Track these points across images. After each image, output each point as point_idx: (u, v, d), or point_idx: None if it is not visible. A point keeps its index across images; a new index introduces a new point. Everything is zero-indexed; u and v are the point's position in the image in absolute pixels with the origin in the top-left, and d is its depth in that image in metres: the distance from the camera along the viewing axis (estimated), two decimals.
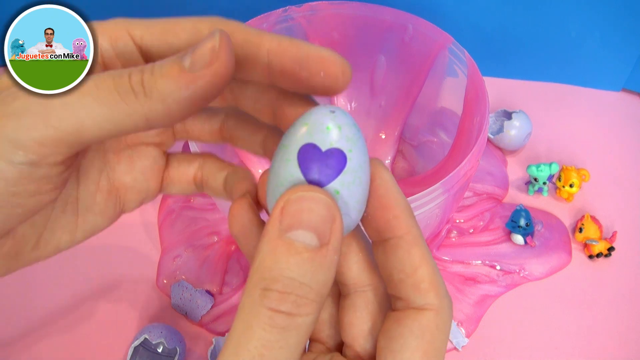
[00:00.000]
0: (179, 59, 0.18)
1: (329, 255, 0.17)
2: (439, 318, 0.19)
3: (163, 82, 0.18)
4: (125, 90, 0.18)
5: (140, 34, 0.21)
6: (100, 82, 0.18)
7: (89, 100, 0.18)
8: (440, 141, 0.55)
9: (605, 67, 0.64)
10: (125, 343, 0.47)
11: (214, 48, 0.18)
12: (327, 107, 0.19)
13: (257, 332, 0.16)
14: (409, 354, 0.19)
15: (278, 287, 0.17)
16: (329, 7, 0.52)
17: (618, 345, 0.47)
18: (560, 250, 0.52)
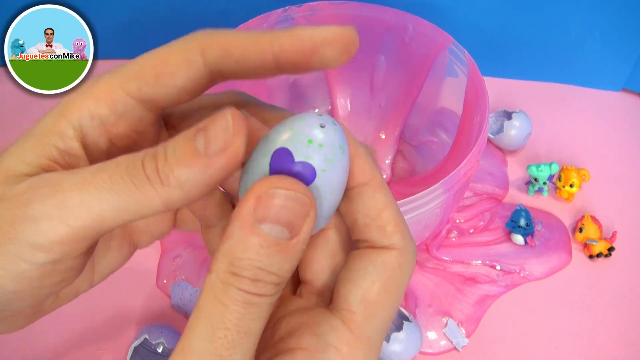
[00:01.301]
0: (191, 139, 0.18)
1: (298, 247, 0.18)
2: (403, 258, 0.19)
3: (179, 169, 0.17)
4: (141, 181, 0.18)
5: (137, 86, 0.20)
6: (114, 173, 0.18)
7: (104, 194, 0.18)
8: (440, 141, 0.55)
9: (605, 67, 0.64)
10: (125, 343, 0.47)
11: (227, 131, 0.18)
12: (319, 118, 0.19)
13: (231, 307, 0.17)
14: (368, 284, 0.19)
15: (249, 275, 0.17)
16: (329, 7, 0.52)
17: (618, 345, 0.47)
18: (560, 250, 0.52)
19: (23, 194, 0.18)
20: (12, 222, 0.18)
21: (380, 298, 0.19)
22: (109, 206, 0.18)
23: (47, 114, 0.20)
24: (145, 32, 0.66)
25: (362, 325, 0.19)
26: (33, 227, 0.18)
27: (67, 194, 0.18)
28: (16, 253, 0.18)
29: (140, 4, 0.63)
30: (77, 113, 0.20)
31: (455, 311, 0.49)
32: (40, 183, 0.18)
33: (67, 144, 0.20)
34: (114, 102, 0.20)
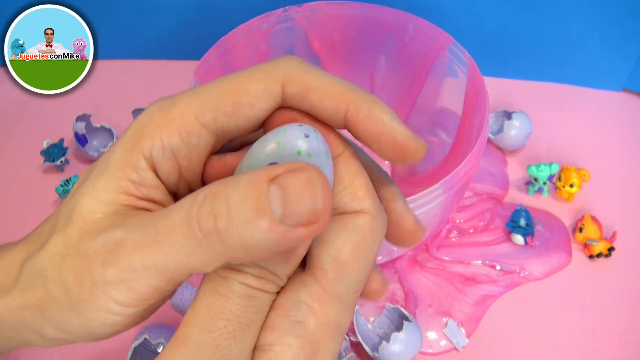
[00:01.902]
0: (263, 193, 0.15)
1: (299, 251, 0.18)
2: (374, 222, 0.19)
3: (244, 233, 0.15)
4: (199, 243, 0.16)
5: (212, 117, 0.19)
6: (169, 234, 0.17)
7: (162, 257, 0.17)
8: (440, 141, 0.55)
9: (605, 67, 0.64)
10: (125, 343, 0.47)
11: (315, 202, 0.15)
12: (301, 129, 0.19)
13: (233, 299, 0.17)
14: (340, 244, 0.19)
15: (253, 272, 0.17)
16: (329, 7, 0.52)
17: (618, 345, 0.47)
18: (561, 250, 0.52)
19: (99, 254, 0.18)
20: (93, 284, 0.18)
21: (352, 257, 0.19)
22: (174, 265, 0.17)
23: (118, 144, 0.20)
24: (145, 32, 0.66)
25: (333, 282, 0.19)
26: (112, 290, 0.18)
27: (131, 258, 0.17)
28: (105, 309, 0.18)
29: (140, 4, 0.63)
30: (149, 143, 0.19)
31: (455, 311, 0.49)
32: (110, 243, 0.18)
33: (141, 175, 0.19)
34: (188, 134, 0.19)
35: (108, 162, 0.20)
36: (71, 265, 0.18)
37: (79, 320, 0.18)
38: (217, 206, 0.15)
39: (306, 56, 0.55)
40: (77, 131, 0.58)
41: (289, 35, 0.53)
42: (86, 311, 0.18)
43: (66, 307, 0.18)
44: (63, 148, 0.58)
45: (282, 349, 0.17)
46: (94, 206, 0.19)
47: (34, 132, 0.62)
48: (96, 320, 0.18)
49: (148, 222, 0.18)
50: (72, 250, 0.18)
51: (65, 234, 0.19)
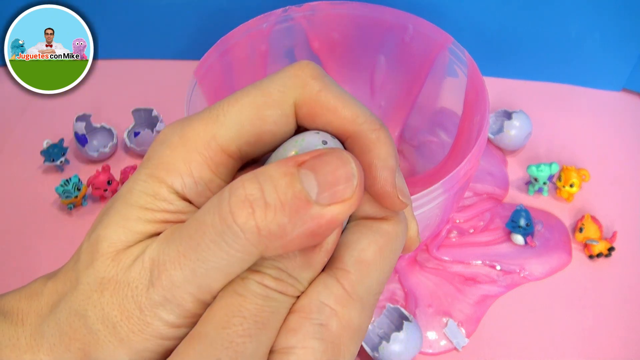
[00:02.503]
0: (295, 177, 0.16)
1: (319, 257, 0.18)
2: (398, 228, 0.19)
3: (282, 218, 0.15)
4: (235, 236, 0.16)
5: (238, 148, 0.19)
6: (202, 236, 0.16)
7: (200, 266, 0.17)
8: (440, 141, 0.55)
9: (605, 67, 0.64)
10: None
11: (350, 180, 0.16)
12: (319, 136, 0.19)
13: (250, 298, 0.17)
14: (364, 245, 0.19)
15: (271, 273, 0.17)
16: (329, 7, 0.52)
17: (618, 345, 0.47)
18: (561, 250, 0.52)
19: (141, 278, 0.17)
20: (141, 311, 0.17)
21: (375, 259, 0.19)
22: (210, 276, 0.17)
23: (139, 178, 0.19)
24: (145, 32, 0.66)
25: (356, 284, 0.18)
26: (161, 312, 0.17)
27: (171, 273, 0.17)
28: (157, 335, 0.17)
29: (140, 4, 0.63)
30: (180, 180, 0.19)
31: (455, 311, 0.49)
32: (148, 264, 0.17)
33: (176, 205, 0.19)
34: (217, 166, 0.19)
35: (133, 195, 0.19)
36: (113, 299, 0.17)
37: (130, 356, 0.18)
38: (250, 193, 0.15)
39: (306, 56, 0.55)
40: (77, 131, 0.58)
41: (289, 35, 0.53)
42: (137, 343, 0.17)
43: (115, 345, 0.17)
44: (63, 148, 0.58)
45: (305, 352, 0.17)
46: (124, 235, 0.18)
47: (34, 132, 0.62)
48: (148, 350, 0.18)
49: (179, 231, 0.17)
50: (110, 283, 0.18)
51: (97, 269, 0.18)
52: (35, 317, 0.19)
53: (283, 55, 0.55)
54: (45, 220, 0.55)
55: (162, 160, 0.19)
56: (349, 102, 0.19)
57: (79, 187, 0.54)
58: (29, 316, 0.19)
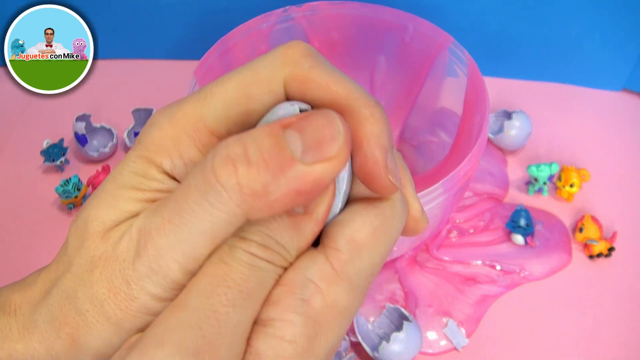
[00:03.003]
0: (279, 137, 0.15)
1: (310, 226, 0.17)
2: (396, 209, 0.19)
3: (265, 175, 0.15)
4: (217, 195, 0.16)
5: (226, 129, 0.19)
6: (185, 199, 0.16)
7: (185, 230, 0.16)
8: (440, 141, 0.55)
9: (605, 67, 0.64)
10: None
11: (336, 138, 0.16)
12: (294, 107, 0.18)
13: (235, 267, 0.16)
14: (359, 225, 0.18)
15: (257, 239, 0.17)
16: (329, 7, 0.52)
17: (618, 345, 0.47)
18: (561, 250, 0.52)
19: (128, 251, 0.17)
20: (128, 284, 0.17)
21: (368, 240, 0.18)
22: (195, 240, 0.16)
23: (129, 159, 0.19)
24: (145, 32, 0.66)
25: (345, 264, 0.17)
26: (147, 284, 0.17)
27: (156, 241, 0.17)
28: (144, 310, 0.17)
29: (140, 4, 0.63)
30: (169, 161, 0.19)
31: (455, 311, 0.49)
32: (135, 235, 0.17)
33: (166, 185, 0.19)
34: (204, 147, 0.19)
35: (123, 176, 0.19)
36: (102, 276, 0.17)
37: (119, 337, 0.17)
38: (233, 151, 0.15)
39: None
40: (77, 131, 0.58)
41: (289, 35, 0.53)
42: (125, 321, 0.17)
43: (103, 324, 0.17)
44: (63, 148, 0.58)
45: (283, 325, 0.16)
46: (115, 214, 0.18)
47: (34, 132, 0.62)
48: (136, 328, 0.17)
49: (166, 199, 0.17)
50: (100, 261, 0.18)
51: (87, 248, 0.18)
52: (28, 307, 0.19)
53: None
54: (45, 220, 0.55)
55: (151, 141, 0.19)
56: (342, 78, 0.18)
57: (79, 187, 0.54)
58: (22, 306, 0.19)
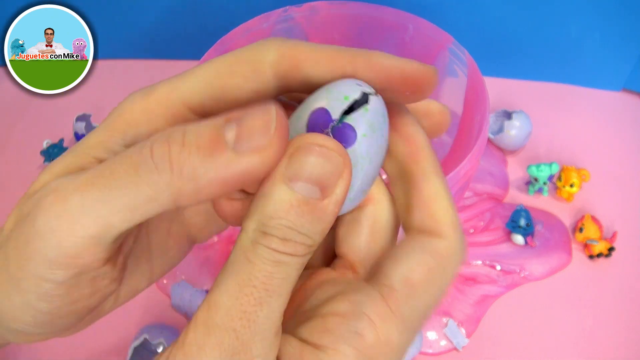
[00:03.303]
0: (219, 127, 0.16)
1: (329, 208, 0.17)
2: (453, 250, 0.18)
3: (197, 158, 0.15)
4: (148, 169, 0.16)
5: (200, 102, 0.18)
6: (118, 166, 0.16)
7: (106, 193, 0.16)
8: (440, 141, 0.55)
9: (605, 67, 0.64)
10: (125, 343, 0.47)
11: (268, 129, 0.16)
12: (358, 83, 0.18)
13: (259, 265, 0.16)
14: (414, 265, 0.18)
15: (278, 234, 0.16)
16: (329, 7, 0.52)
17: (618, 345, 0.47)
18: (561, 250, 0.52)
19: (33, 208, 0.17)
20: (27, 241, 0.17)
21: (424, 281, 0.18)
22: (113, 207, 0.16)
23: (96, 130, 0.19)
24: (145, 32, 0.66)
25: (400, 303, 0.17)
26: (43, 244, 0.16)
27: (68, 200, 0.16)
28: (36, 273, 0.17)
29: (140, 4, 0.63)
30: (133, 131, 0.18)
31: (455, 311, 0.49)
32: (47, 192, 0.17)
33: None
34: (175, 118, 0.19)
35: (86, 146, 0.19)
36: (14, 234, 0.17)
37: (20, 297, 0.17)
38: (172, 134, 0.16)
39: None
40: (77, 131, 0.58)
41: (289, 35, 0.53)
42: (23, 281, 0.17)
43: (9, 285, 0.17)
44: (63, 148, 0.58)
45: (335, 354, 0.17)
46: (51, 177, 0.18)
47: (34, 132, 0.62)
48: (30, 291, 0.17)
49: (91, 169, 0.17)
50: (21, 221, 0.17)
51: (21, 211, 0.18)
52: None
53: None
54: None
55: (121, 112, 0.19)
56: (327, 45, 0.19)
57: None
58: None
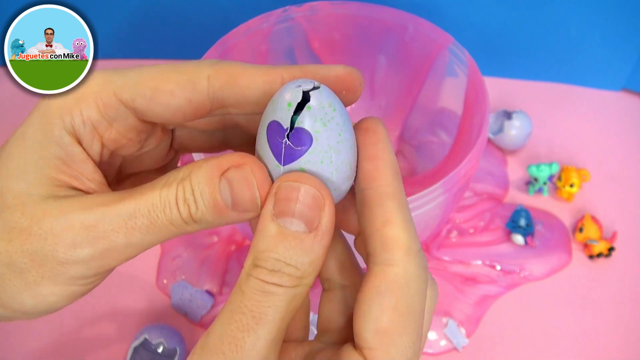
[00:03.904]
0: (217, 189, 0.19)
1: (317, 240, 0.18)
2: (408, 274, 0.18)
3: (209, 215, 0.19)
4: (180, 224, 0.19)
5: (131, 97, 0.20)
6: (155, 218, 0.19)
7: (142, 235, 0.19)
8: (440, 141, 0.55)
9: (605, 67, 0.64)
10: (125, 343, 0.47)
11: (254, 195, 0.19)
12: (296, 82, 0.19)
13: (248, 294, 0.18)
14: (378, 313, 0.18)
15: (267, 266, 0.18)
16: (329, 7, 0.52)
17: (618, 345, 0.47)
18: (561, 250, 0.52)
19: (64, 236, 0.19)
20: (60, 263, 0.19)
21: (393, 325, 0.18)
22: (149, 241, 0.19)
23: (33, 120, 0.20)
24: (145, 32, 0.66)
25: (379, 357, 0.18)
26: (82, 268, 0.19)
27: (112, 239, 0.19)
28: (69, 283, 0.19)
29: (140, 4, 0.63)
30: (69, 117, 0.19)
31: (455, 311, 0.49)
32: (77, 225, 0.19)
33: (68, 151, 0.19)
34: (106, 108, 0.20)
35: (26, 139, 0.19)
36: (24, 248, 0.19)
37: (33, 300, 0.19)
38: (189, 199, 0.19)
39: (306, 56, 0.55)
40: None
41: (289, 35, 0.53)
42: (44, 288, 0.19)
43: (19, 288, 0.19)
44: None
45: None
46: (29, 188, 0.19)
47: None
48: (55, 294, 0.19)
49: (120, 203, 0.19)
50: (21, 234, 0.19)
51: (5, 219, 0.19)
52: None
53: (283, 55, 0.55)
54: None
55: (54, 102, 0.20)
56: (261, 65, 0.20)
57: None
58: None
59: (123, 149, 0.21)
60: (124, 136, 0.21)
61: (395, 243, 0.18)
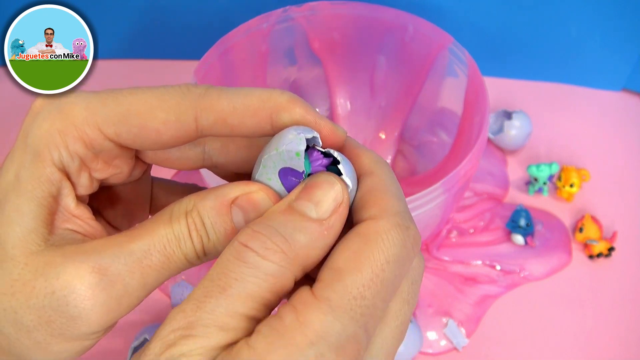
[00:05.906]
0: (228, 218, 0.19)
1: (321, 229, 0.18)
2: (381, 227, 0.18)
3: (221, 245, 0.19)
4: (192, 257, 0.19)
5: (115, 132, 0.19)
6: (171, 254, 0.19)
7: (156, 275, 0.19)
8: (440, 141, 0.55)
9: (605, 67, 0.64)
10: (125, 344, 0.47)
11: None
12: (291, 131, 0.19)
13: (222, 258, 0.18)
14: (338, 254, 0.18)
15: (255, 227, 0.18)
16: (329, 7, 0.52)
17: (618, 345, 0.47)
18: (561, 250, 0.52)
19: (68, 285, 0.18)
20: (72, 318, 0.18)
21: (347, 264, 0.17)
22: (163, 279, 0.19)
23: (23, 157, 0.20)
24: (145, 32, 0.66)
25: (323, 288, 0.17)
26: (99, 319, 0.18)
27: (126, 283, 0.19)
28: (84, 337, 0.19)
29: (140, 4, 0.63)
30: (57, 152, 0.19)
31: (455, 311, 0.49)
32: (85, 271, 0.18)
33: (58, 186, 0.19)
34: (91, 142, 0.19)
35: (20, 181, 0.19)
36: (30, 303, 0.18)
37: (45, 356, 0.18)
38: (202, 232, 0.19)
39: (306, 56, 0.55)
40: None
41: (289, 35, 0.53)
42: (55, 346, 0.18)
43: (29, 347, 0.18)
44: None
45: (255, 335, 0.17)
46: (28, 236, 0.18)
47: None
48: (68, 351, 0.19)
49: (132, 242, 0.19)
50: (25, 287, 0.18)
51: (7, 270, 0.18)
52: None
53: (283, 55, 0.55)
54: None
55: (40, 137, 0.19)
56: (249, 92, 0.20)
57: None
58: None
59: (113, 177, 0.21)
60: (111, 165, 0.21)
61: (372, 204, 0.19)
